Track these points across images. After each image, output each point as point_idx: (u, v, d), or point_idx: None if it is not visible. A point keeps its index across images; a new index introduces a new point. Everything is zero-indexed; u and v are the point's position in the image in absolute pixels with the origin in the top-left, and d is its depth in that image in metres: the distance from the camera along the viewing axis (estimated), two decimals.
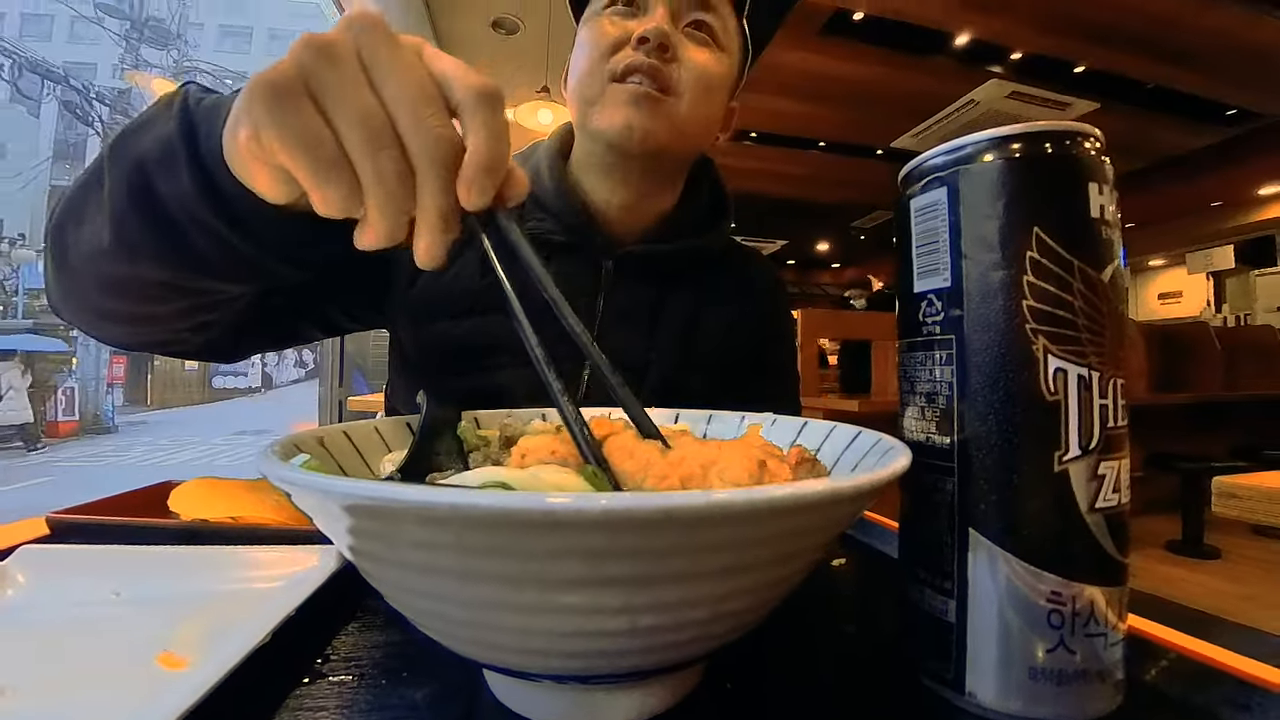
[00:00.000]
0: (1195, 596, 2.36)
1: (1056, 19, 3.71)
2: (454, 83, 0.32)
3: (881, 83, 4.32)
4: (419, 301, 0.76)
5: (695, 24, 0.72)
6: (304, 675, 0.32)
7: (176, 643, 0.33)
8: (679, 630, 0.24)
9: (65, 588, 0.41)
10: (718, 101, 0.77)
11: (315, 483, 0.22)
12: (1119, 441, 0.29)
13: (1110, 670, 0.28)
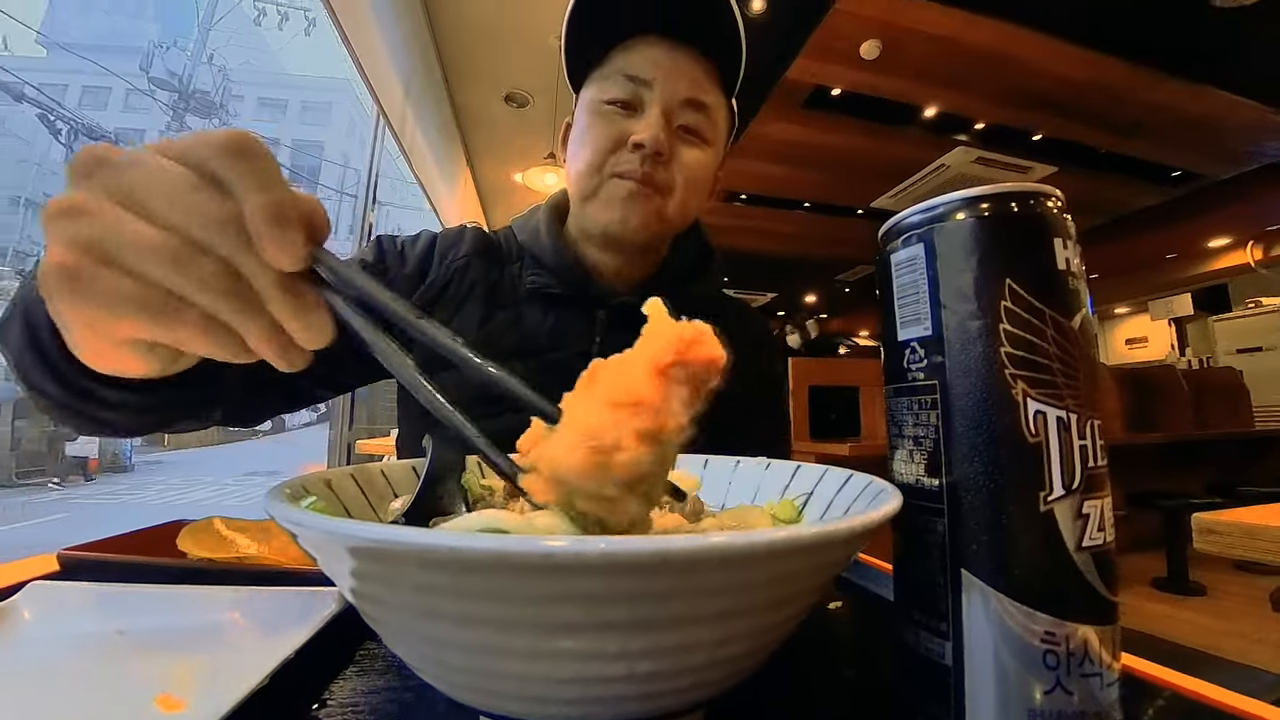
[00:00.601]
0: (1184, 633, 2.31)
1: (1013, 93, 3.86)
2: (202, 158, 0.28)
3: (859, 150, 4.45)
4: (423, 353, 0.76)
5: (686, 129, 0.74)
6: None
7: (175, 684, 0.32)
8: (677, 676, 0.23)
9: (70, 625, 0.40)
10: (704, 191, 0.79)
11: (320, 525, 0.22)
12: (1100, 481, 0.28)
13: (1108, 711, 0.27)
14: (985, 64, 3.56)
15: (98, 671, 0.35)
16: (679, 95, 0.72)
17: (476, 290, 0.80)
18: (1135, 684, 0.32)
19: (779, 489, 0.37)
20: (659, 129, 0.69)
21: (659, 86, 0.71)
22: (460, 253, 0.83)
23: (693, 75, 0.73)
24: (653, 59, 0.72)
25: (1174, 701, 0.32)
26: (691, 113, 0.73)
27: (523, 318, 0.79)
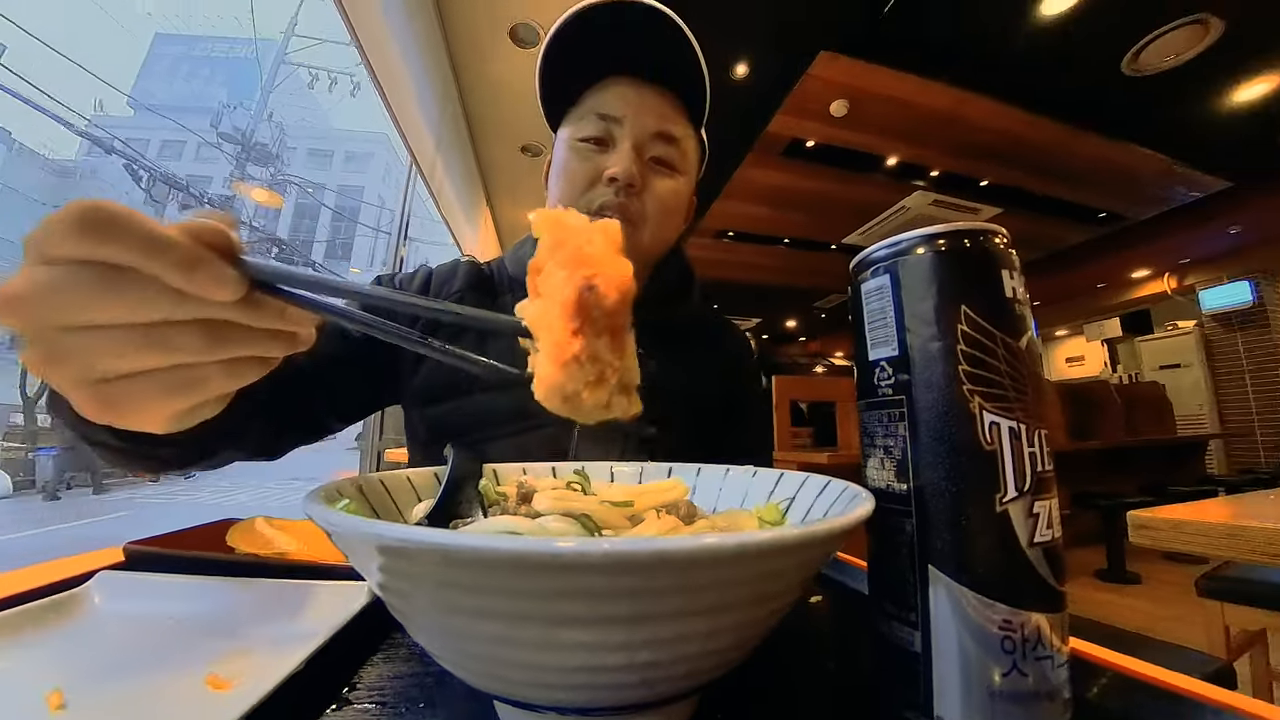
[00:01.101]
0: (1123, 618, 2.30)
1: (962, 146, 3.94)
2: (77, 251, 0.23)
3: (831, 193, 4.50)
4: (424, 385, 0.73)
5: (656, 160, 0.70)
6: (332, 702, 0.31)
7: (222, 666, 0.32)
8: (673, 665, 0.23)
9: (133, 610, 0.40)
10: (678, 218, 0.75)
11: (352, 525, 0.22)
12: (1048, 484, 0.28)
13: (1058, 690, 0.27)
14: (938, 122, 3.63)
15: (155, 652, 0.35)
16: (648, 129, 0.69)
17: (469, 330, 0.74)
18: (1082, 665, 0.32)
19: (765, 494, 0.36)
20: (630, 162, 0.66)
21: (629, 122, 0.68)
22: (454, 288, 0.78)
23: (660, 110, 0.70)
24: (622, 97, 0.69)
25: (1116, 679, 0.32)
26: (661, 144, 0.70)
27: (516, 346, 0.74)
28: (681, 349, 0.78)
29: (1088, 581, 3.54)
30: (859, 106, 3.44)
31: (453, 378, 0.70)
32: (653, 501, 0.33)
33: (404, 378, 0.74)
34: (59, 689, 0.29)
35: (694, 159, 0.75)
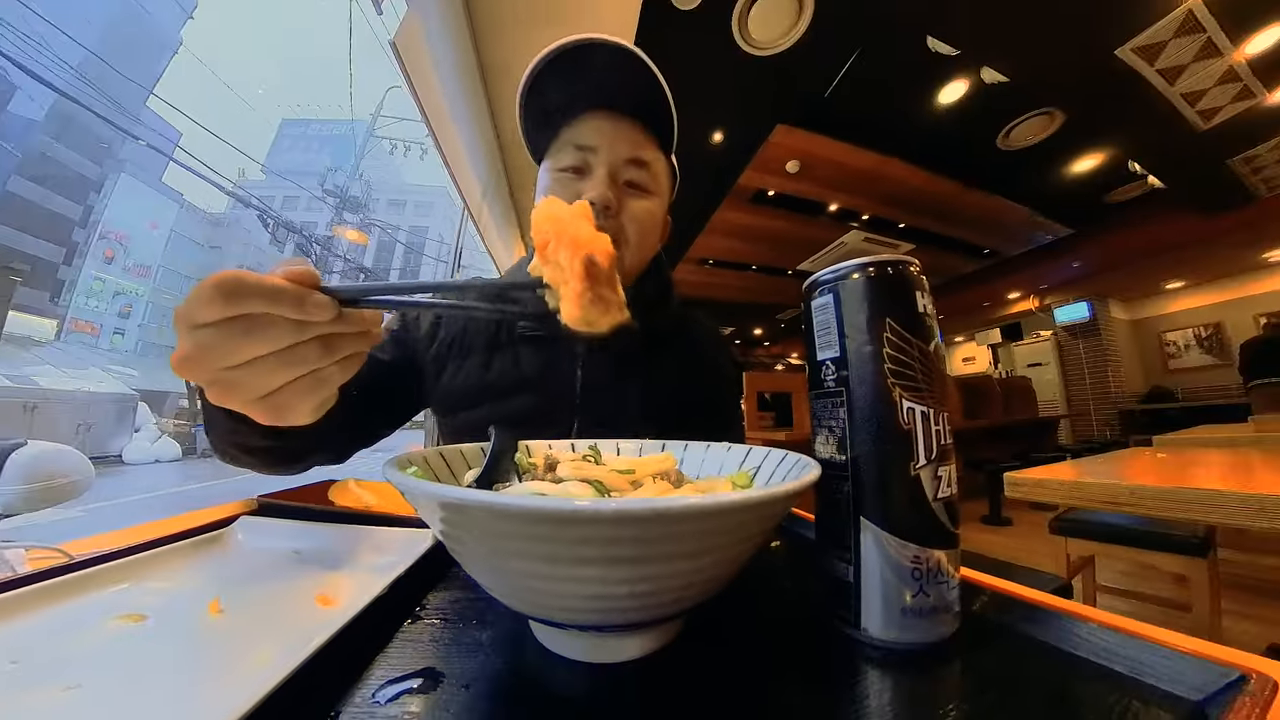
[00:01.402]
0: (998, 551, 2.31)
1: (884, 197, 3.96)
2: (222, 311, 0.25)
3: (788, 231, 4.49)
4: (443, 396, 0.66)
5: (631, 183, 0.61)
6: (408, 617, 0.30)
7: (329, 588, 0.32)
8: (664, 594, 0.23)
9: (265, 545, 0.40)
10: (654, 235, 0.65)
11: (420, 487, 0.22)
12: (948, 453, 0.28)
13: (951, 605, 0.28)
14: (866, 178, 3.65)
15: (281, 577, 0.35)
16: (621, 156, 0.59)
17: (478, 341, 0.66)
18: (968, 586, 0.32)
19: (737, 464, 0.36)
20: (605, 186, 0.57)
21: (603, 151, 0.59)
22: None
23: (632, 138, 0.60)
24: (596, 128, 0.60)
25: (992, 596, 0.32)
26: (634, 169, 0.60)
27: (519, 358, 0.65)
28: (664, 351, 0.70)
29: (974, 525, 3.55)
30: (808, 166, 3.46)
31: (463, 392, 0.64)
32: (649, 470, 0.33)
33: (427, 392, 0.68)
34: (217, 598, 0.30)
35: (665, 182, 0.66)
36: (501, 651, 0.26)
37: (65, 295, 18.01)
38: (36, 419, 7.09)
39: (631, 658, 0.25)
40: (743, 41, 2.28)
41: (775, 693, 0.23)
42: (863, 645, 0.27)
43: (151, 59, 19.09)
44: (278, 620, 0.28)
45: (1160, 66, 2.39)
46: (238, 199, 14.17)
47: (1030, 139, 3.17)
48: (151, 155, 18.43)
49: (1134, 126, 2.93)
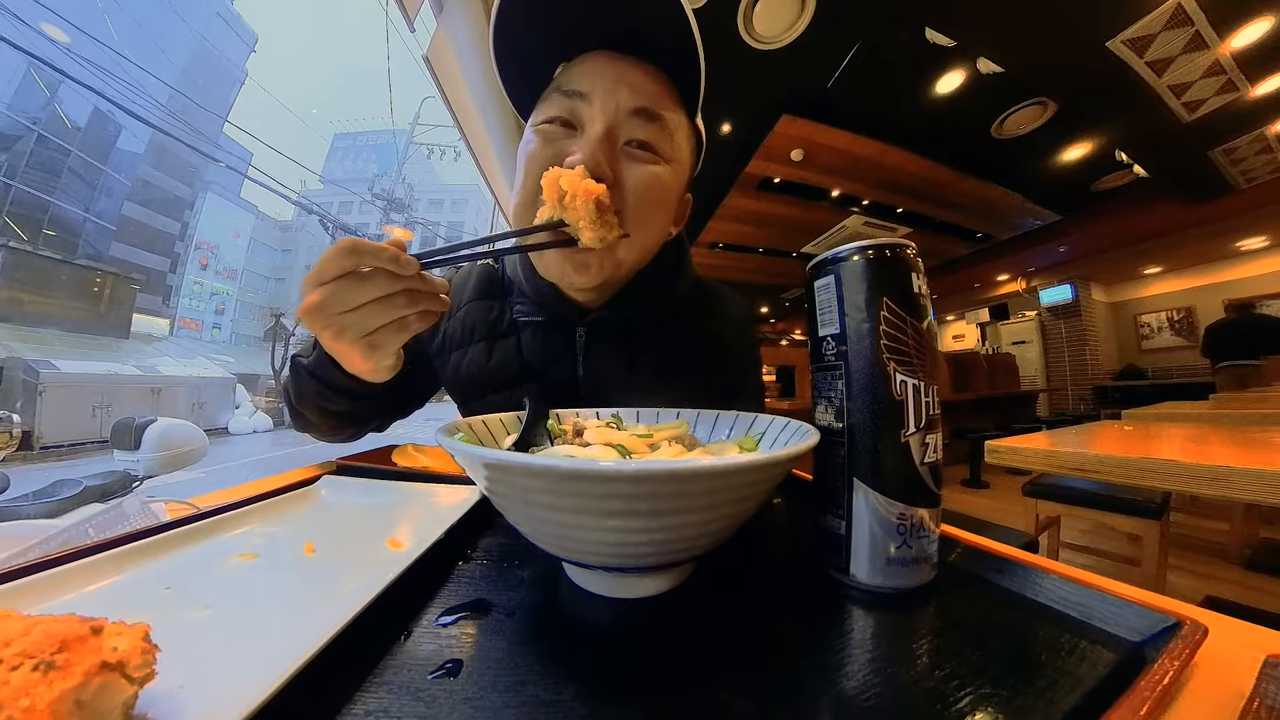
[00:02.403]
0: (977, 511, 2.29)
1: (883, 183, 3.75)
2: (346, 265, 0.32)
3: (792, 216, 4.30)
4: (452, 384, 0.58)
5: (638, 142, 0.41)
6: (461, 559, 0.32)
7: (397, 533, 0.33)
8: (677, 542, 0.23)
9: (344, 499, 0.41)
10: (663, 212, 0.45)
11: (467, 450, 0.22)
12: (936, 422, 0.28)
13: (930, 556, 0.28)
14: (867, 165, 3.48)
15: (357, 525, 0.36)
16: (624, 106, 0.40)
17: (478, 330, 0.56)
18: (946, 541, 0.31)
19: (744, 430, 0.36)
20: (596, 147, 0.38)
21: (599, 98, 0.39)
22: (463, 299, 0.58)
23: (639, 84, 0.40)
24: (592, 70, 0.40)
25: (966, 549, 0.32)
26: (642, 124, 0.40)
27: (521, 344, 0.54)
28: (681, 322, 0.57)
29: (955, 487, 3.50)
30: (811, 154, 3.31)
31: (469, 381, 0.56)
32: (666, 435, 0.33)
33: (442, 379, 0.60)
34: (310, 541, 0.31)
35: (685, 146, 0.45)
36: (539, 587, 0.27)
37: (173, 298, 19.22)
38: (161, 400, 7.71)
39: (648, 594, 0.26)
40: (748, 37, 2.16)
41: (773, 627, 0.24)
42: (850, 589, 0.27)
43: (224, 91, 19.81)
44: (358, 559, 0.30)
45: (1149, 59, 2.22)
46: (302, 207, 14.62)
47: (1023, 128, 2.98)
48: (230, 175, 19.81)
49: (1122, 117, 2.75)
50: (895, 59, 2.45)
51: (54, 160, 12.28)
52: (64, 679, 0.13)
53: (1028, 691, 0.18)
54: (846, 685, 0.19)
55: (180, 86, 16.80)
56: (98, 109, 13.23)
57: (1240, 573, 1.69)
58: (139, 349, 10.36)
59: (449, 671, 0.20)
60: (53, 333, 9.06)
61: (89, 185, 13.49)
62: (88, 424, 6.72)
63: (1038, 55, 2.30)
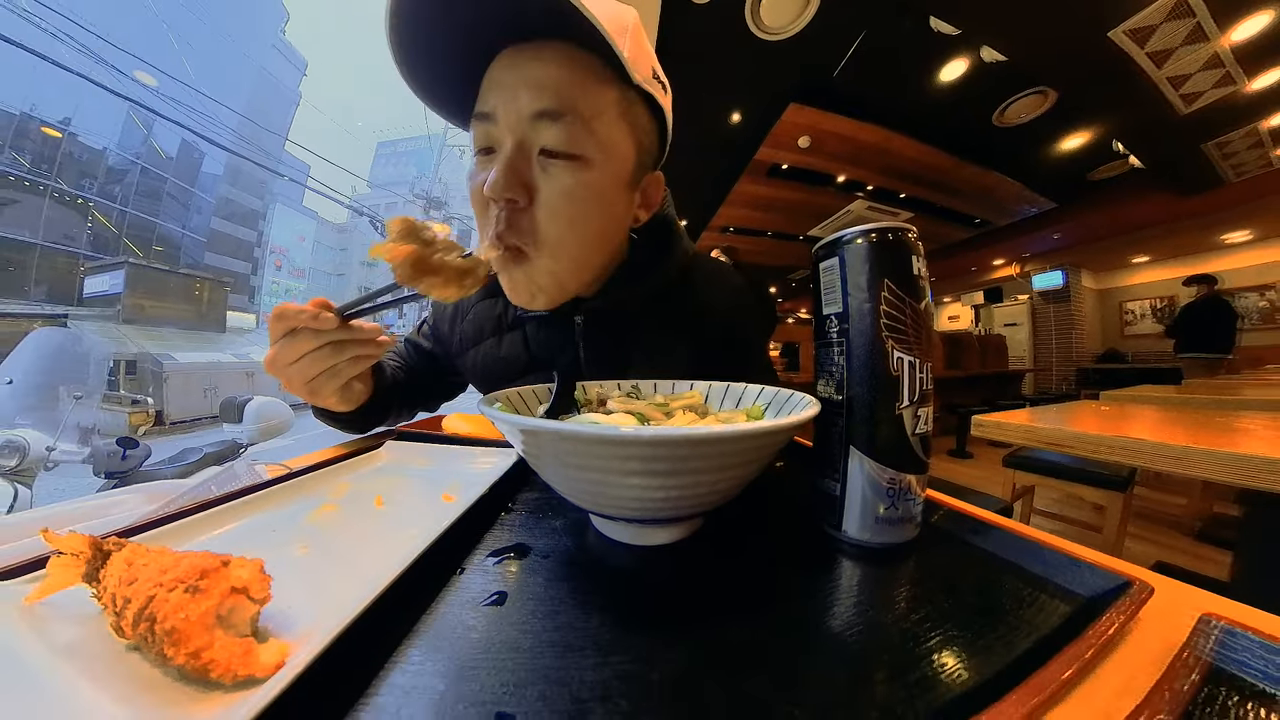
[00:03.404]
0: (959, 478, 2.25)
1: (887, 169, 3.54)
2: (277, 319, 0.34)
3: (800, 201, 4.09)
4: (472, 376, 0.58)
5: (545, 153, 0.34)
6: (502, 510, 0.32)
7: (449, 488, 0.34)
8: (690, 499, 0.23)
9: (404, 460, 0.43)
10: (601, 210, 0.38)
11: (506, 418, 0.22)
12: (928, 397, 0.27)
13: (915, 517, 0.27)
14: (871, 152, 3.28)
15: (418, 482, 0.37)
16: (524, 114, 0.33)
17: (486, 328, 0.55)
18: (930, 504, 0.31)
19: (751, 400, 0.35)
20: (500, 172, 0.33)
21: (502, 113, 0.33)
22: (471, 302, 0.57)
23: (539, 80, 0.32)
24: (494, 80, 0.34)
25: (947, 512, 0.31)
26: (547, 126, 0.33)
27: (526, 337, 0.52)
28: (673, 304, 0.52)
29: (942, 456, 3.43)
30: (818, 141, 3.13)
31: (485, 372, 0.56)
32: (680, 404, 0.33)
33: (466, 374, 0.60)
34: (379, 495, 0.33)
35: (617, 131, 0.36)
36: (570, 534, 0.28)
37: (256, 296, 20.29)
38: (255, 382, 8.35)
39: (664, 543, 0.27)
40: (756, 28, 2.03)
41: (772, 574, 0.24)
42: (842, 543, 0.27)
43: (283, 113, 20.42)
44: (419, 510, 0.31)
45: (1150, 49, 2.01)
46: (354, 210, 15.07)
47: (1024, 116, 2.75)
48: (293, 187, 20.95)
49: (1121, 107, 2.51)
50: (900, 47, 2.27)
51: (155, 187, 13.37)
52: (206, 599, 0.15)
53: (989, 635, 0.18)
54: (833, 624, 0.20)
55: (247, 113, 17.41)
56: (184, 140, 14.18)
57: (1190, 543, 1.68)
58: (234, 340, 11.11)
59: (496, 601, 0.21)
60: (168, 330, 9.78)
61: (183, 205, 14.63)
62: (201, 403, 7.43)
63: (1040, 44, 2.10)
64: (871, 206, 4.20)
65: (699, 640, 0.18)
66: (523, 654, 0.18)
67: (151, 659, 0.15)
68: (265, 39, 19.72)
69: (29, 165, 9.76)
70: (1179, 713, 0.13)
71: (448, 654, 0.18)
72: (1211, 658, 0.16)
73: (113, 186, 11.88)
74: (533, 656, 0.18)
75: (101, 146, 11.74)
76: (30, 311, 9.20)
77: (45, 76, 9.34)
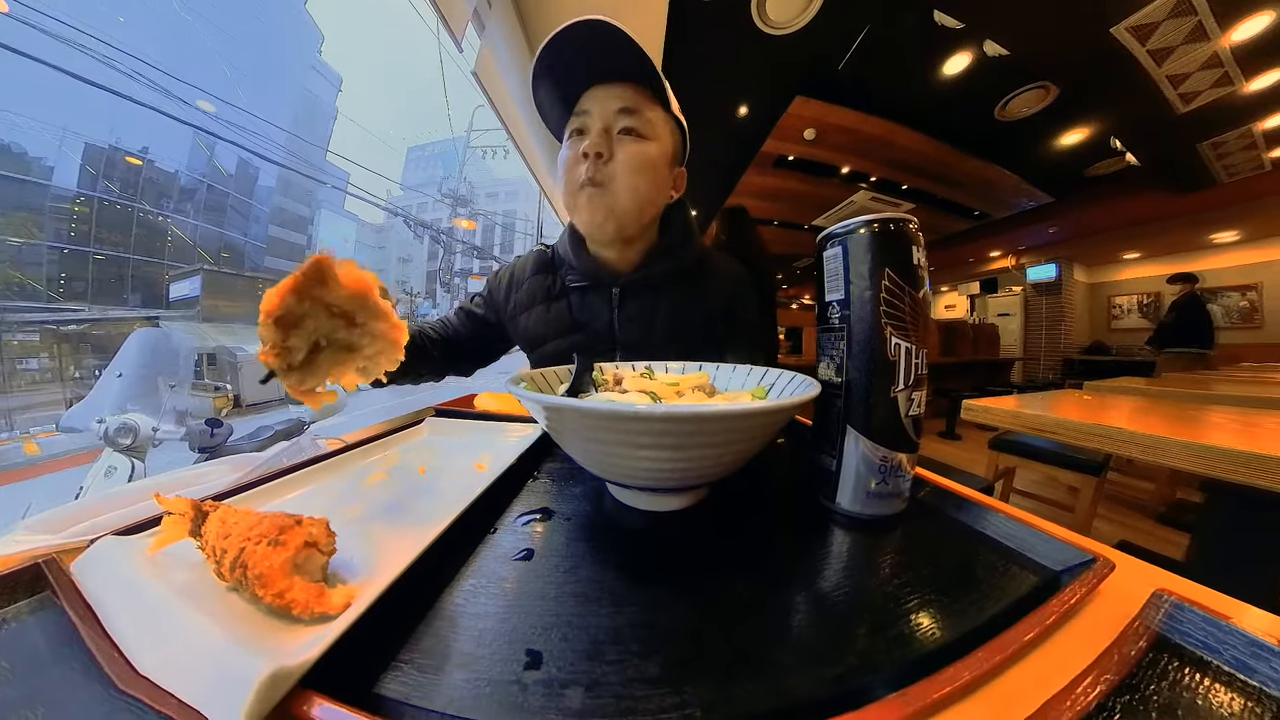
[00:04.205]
0: (948, 459, 2.22)
1: (890, 161, 3.36)
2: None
3: (804, 191, 3.91)
4: (521, 337, 0.63)
5: (624, 130, 0.50)
6: (529, 478, 0.33)
7: (481, 459, 0.35)
8: (698, 470, 0.23)
9: (443, 435, 0.44)
10: (649, 174, 0.51)
11: (531, 396, 0.23)
12: (922, 381, 0.26)
13: (904, 492, 0.27)
14: (875, 144, 3.11)
15: (454, 452, 0.38)
16: (611, 109, 0.49)
17: (538, 297, 0.61)
18: (918, 480, 0.31)
19: (756, 381, 0.35)
20: (596, 136, 0.48)
21: (595, 109, 0.49)
22: (526, 274, 0.63)
23: (622, 95, 0.49)
24: (591, 96, 0.50)
25: (933, 488, 0.31)
26: (626, 118, 0.49)
27: (570, 305, 0.60)
28: (689, 283, 0.60)
29: (932, 437, 3.36)
30: (823, 133, 2.99)
31: (534, 334, 0.60)
32: (690, 384, 0.33)
33: (511, 335, 0.65)
34: (423, 465, 0.34)
35: (664, 129, 0.52)
36: (589, 500, 0.29)
37: None
38: None
39: (673, 509, 0.27)
40: (761, 23, 1.92)
41: (770, 539, 0.25)
42: (835, 514, 0.27)
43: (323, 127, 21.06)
44: (456, 477, 0.32)
45: (1151, 47, 1.85)
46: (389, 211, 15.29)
47: (1025, 111, 2.56)
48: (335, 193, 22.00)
49: (1120, 104, 2.32)
50: (904, 41, 2.12)
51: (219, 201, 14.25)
52: (285, 551, 0.17)
53: (963, 600, 0.19)
54: (823, 585, 0.20)
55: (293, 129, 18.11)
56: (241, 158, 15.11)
57: (1152, 525, 1.69)
58: None
59: (525, 557, 0.22)
60: (239, 326, 10.27)
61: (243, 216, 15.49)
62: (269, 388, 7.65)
63: (1043, 39, 1.94)
64: (874, 197, 4.00)
65: (702, 594, 0.19)
66: (548, 602, 0.19)
67: (246, 598, 0.17)
68: (305, 60, 20.16)
69: (119, 191, 10.74)
70: (1124, 673, 0.14)
71: (484, 600, 0.19)
72: (1159, 628, 0.16)
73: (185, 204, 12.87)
74: (557, 604, 0.18)
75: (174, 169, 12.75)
76: (130, 315, 9.97)
77: (125, 113, 10.18)
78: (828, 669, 0.15)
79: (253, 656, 0.13)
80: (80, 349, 8.36)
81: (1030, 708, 0.13)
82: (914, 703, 0.13)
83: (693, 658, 0.15)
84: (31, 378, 7.32)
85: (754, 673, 0.15)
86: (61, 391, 7.39)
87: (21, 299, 8.22)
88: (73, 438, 2.37)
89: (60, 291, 8.68)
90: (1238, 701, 0.13)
